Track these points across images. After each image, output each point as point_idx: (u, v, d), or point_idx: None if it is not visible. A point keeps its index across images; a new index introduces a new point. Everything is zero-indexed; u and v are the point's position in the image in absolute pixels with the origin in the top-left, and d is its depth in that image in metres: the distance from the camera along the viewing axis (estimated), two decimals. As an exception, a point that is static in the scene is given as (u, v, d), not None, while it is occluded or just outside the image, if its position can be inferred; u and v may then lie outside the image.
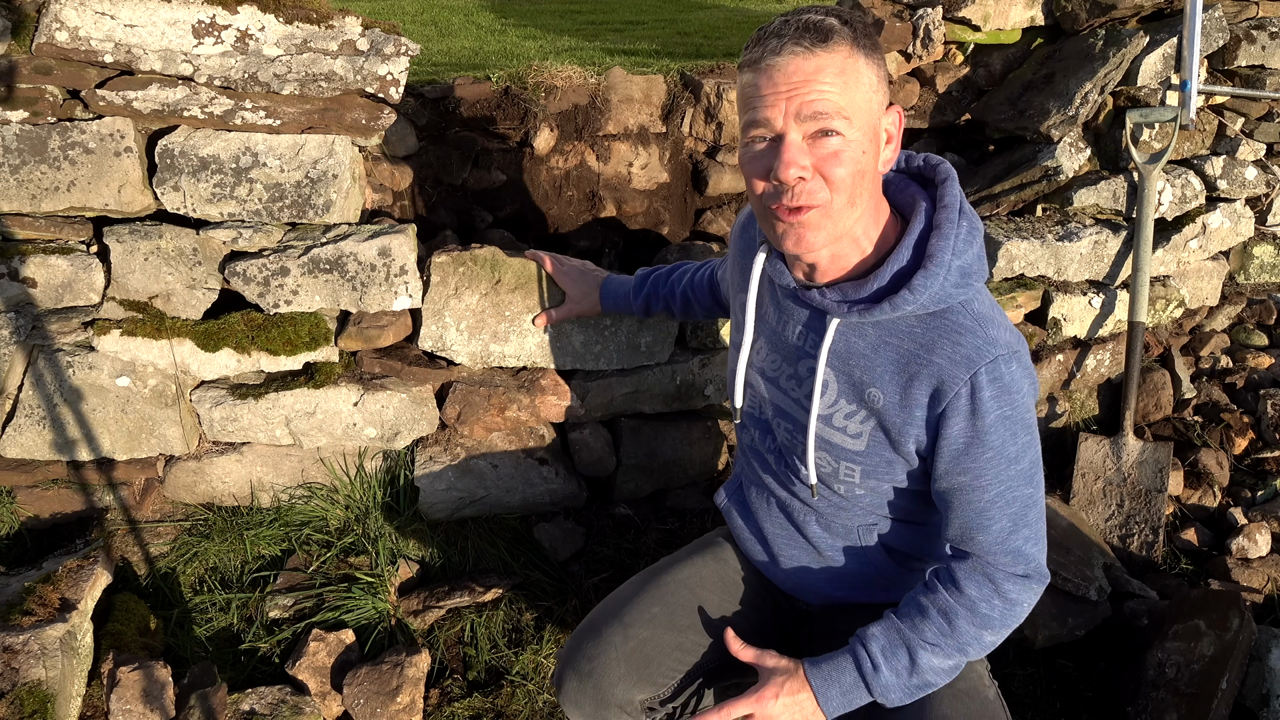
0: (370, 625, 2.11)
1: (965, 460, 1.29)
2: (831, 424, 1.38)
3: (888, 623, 1.37)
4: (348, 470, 2.35)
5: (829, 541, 1.49)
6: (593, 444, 2.38)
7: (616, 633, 1.45)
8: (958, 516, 1.33)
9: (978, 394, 1.25)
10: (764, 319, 1.46)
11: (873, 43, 1.22)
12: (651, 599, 1.51)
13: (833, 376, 1.36)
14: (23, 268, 2.04)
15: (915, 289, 1.24)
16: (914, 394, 1.29)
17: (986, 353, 1.25)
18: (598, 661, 1.43)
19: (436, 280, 2.16)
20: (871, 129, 1.23)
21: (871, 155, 1.24)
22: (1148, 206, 2.55)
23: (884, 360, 1.31)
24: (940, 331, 1.27)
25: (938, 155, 1.39)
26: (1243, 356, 3.00)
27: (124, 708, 1.81)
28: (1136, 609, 2.17)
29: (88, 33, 1.86)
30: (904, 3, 2.64)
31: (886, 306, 1.26)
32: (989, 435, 1.27)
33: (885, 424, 1.33)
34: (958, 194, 1.31)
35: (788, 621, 1.62)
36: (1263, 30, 2.78)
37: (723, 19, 4.66)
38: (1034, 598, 1.35)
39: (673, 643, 1.47)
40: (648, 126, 2.69)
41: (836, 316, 1.31)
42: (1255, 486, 2.56)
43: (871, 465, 1.37)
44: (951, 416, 1.27)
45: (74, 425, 2.17)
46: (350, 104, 2.04)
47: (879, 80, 1.23)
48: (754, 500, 1.59)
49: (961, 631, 1.33)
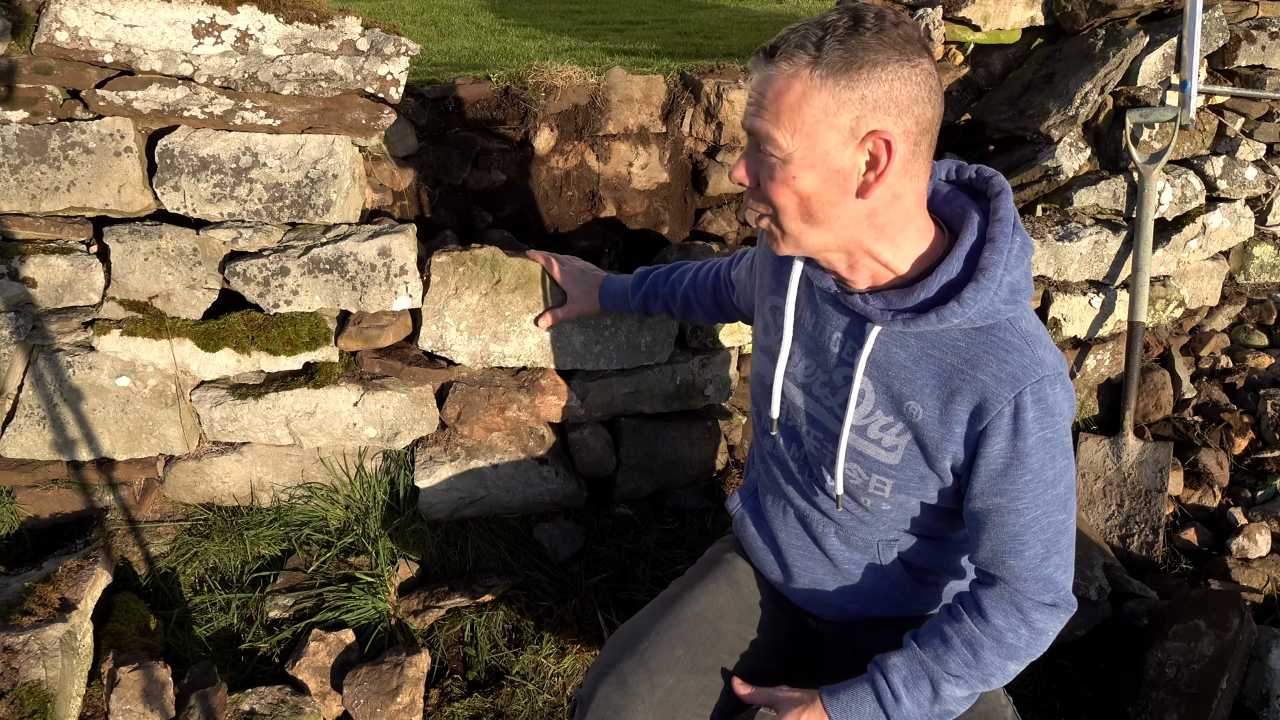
0: (370, 625, 2.11)
1: (1003, 481, 1.26)
2: (866, 435, 1.34)
3: (909, 652, 1.34)
4: (348, 470, 2.35)
5: (846, 555, 1.46)
6: (593, 444, 2.38)
7: (643, 681, 1.40)
8: (990, 539, 1.30)
9: (1021, 414, 1.22)
10: (800, 323, 1.41)
11: (846, 64, 1.11)
12: (673, 639, 1.46)
13: (870, 386, 1.32)
14: (23, 268, 2.04)
15: (965, 302, 1.21)
16: (955, 409, 1.26)
17: (1033, 372, 1.22)
18: (625, 714, 1.38)
19: (436, 280, 2.16)
20: (820, 162, 1.15)
21: (817, 182, 1.17)
22: (1148, 206, 2.55)
23: (925, 373, 1.28)
24: (986, 347, 1.24)
25: (989, 167, 1.33)
26: (1243, 356, 3.00)
27: (124, 708, 1.81)
28: (1136, 609, 2.17)
29: (88, 33, 1.86)
30: (904, 3, 2.64)
31: (933, 318, 1.22)
32: (1029, 457, 1.24)
33: (922, 438, 1.30)
34: (1012, 209, 1.27)
35: (802, 639, 1.61)
36: (1263, 30, 2.78)
37: (723, 19, 4.66)
38: (1059, 626, 1.32)
39: (698, 687, 1.44)
40: (648, 126, 2.69)
41: (879, 324, 1.28)
42: (1255, 486, 2.56)
43: (904, 480, 1.34)
44: (992, 435, 1.24)
45: (74, 425, 2.17)
46: (350, 104, 2.04)
47: (840, 107, 1.12)
48: (769, 509, 1.55)
49: (986, 663, 1.30)
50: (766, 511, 1.56)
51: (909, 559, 1.46)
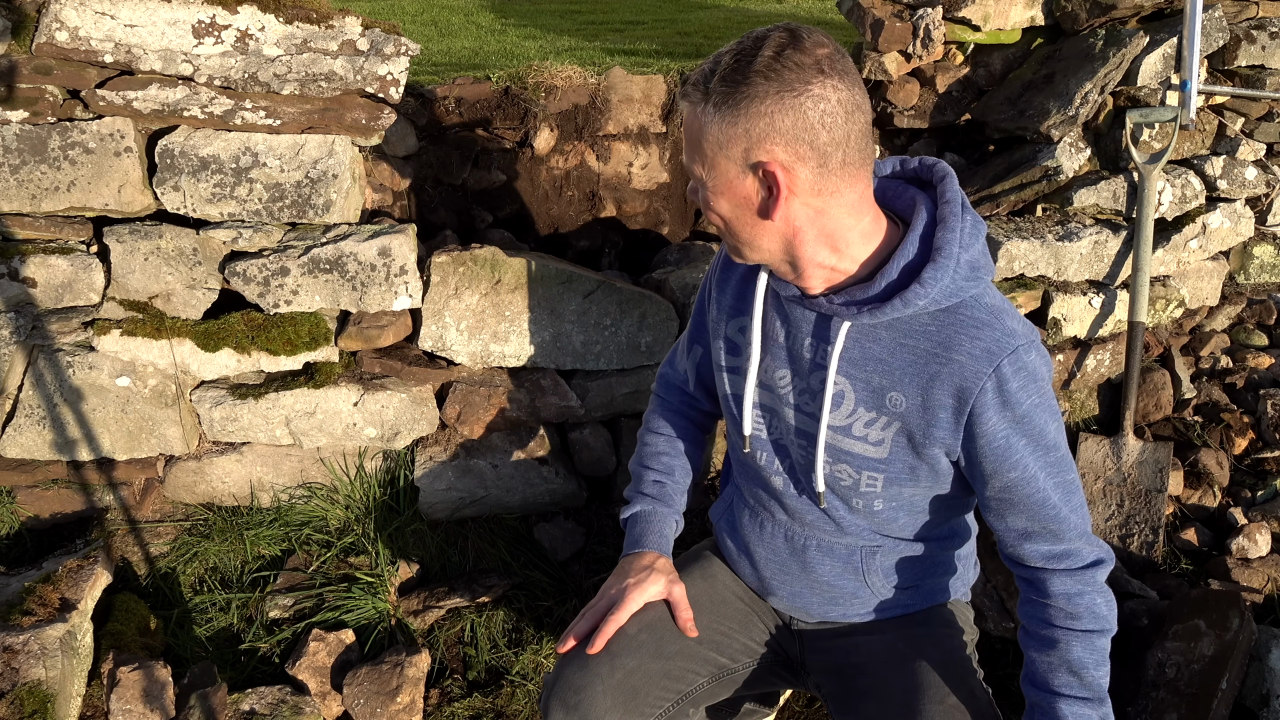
0: (370, 625, 2.11)
1: (1010, 456, 1.27)
2: (851, 434, 1.35)
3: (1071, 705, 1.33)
4: (348, 470, 2.35)
5: (828, 565, 1.46)
6: (593, 444, 2.38)
7: (603, 663, 1.41)
8: (1020, 516, 1.31)
9: (1005, 386, 1.24)
10: (771, 336, 1.41)
11: (728, 100, 1.15)
12: (638, 626, 1.46)
13: (848, 385, 1.33)
14: (23, 268, 2.04)
15: (926, 282, 1.23)
16: (936, 395, 1.27)
17: (1006, 344, 1.24)
18: (584, 694, 1.39)
19: (436, 280, 2.16)
20: (727, 189, 1.22)
21: (730, 207, 1.23)
22: (1148, 206, 2.55)
23: (901, 363, 1.29)
24: (956, 327, 1.26)
25: (933, 156, 1.35)
26: (1243, 356, 3.00)
27: (124, 708, 1.81)
28: (1136, 609, 2.17)
29: (88, 33, 1.86)
30: (904, 2, 2.64)
31: (898, 303, 1.24)
32: (1026, 424, 1.26)
33: (909, 428, 1.31)
34: (958, 190, 1.30)
35: (780, 636, 1.60)
36: (1263, 30, 2.78)
37: (723, 19, 4.66)
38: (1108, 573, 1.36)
39: (661, 670, 1.44)
40: (648, 126, 2.69)
41: (846, 319, 1.29)
42: (1255, 486, 2.56)
43: (895, 472, 1.35)
44: (983, 413, 1.26)
45: (74, 425, 2.17)
46: (350, 104, 2.04)
47: (728, 141, 1.17)
48: (745, 524, 1.54)
49: (1093, 631, 1.33)
50: (742, 526, 1.55)
51: (888, 565, 1.46)
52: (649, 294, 2.29)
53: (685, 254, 2.57)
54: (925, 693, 1.37)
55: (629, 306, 2.27)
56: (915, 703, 1.36)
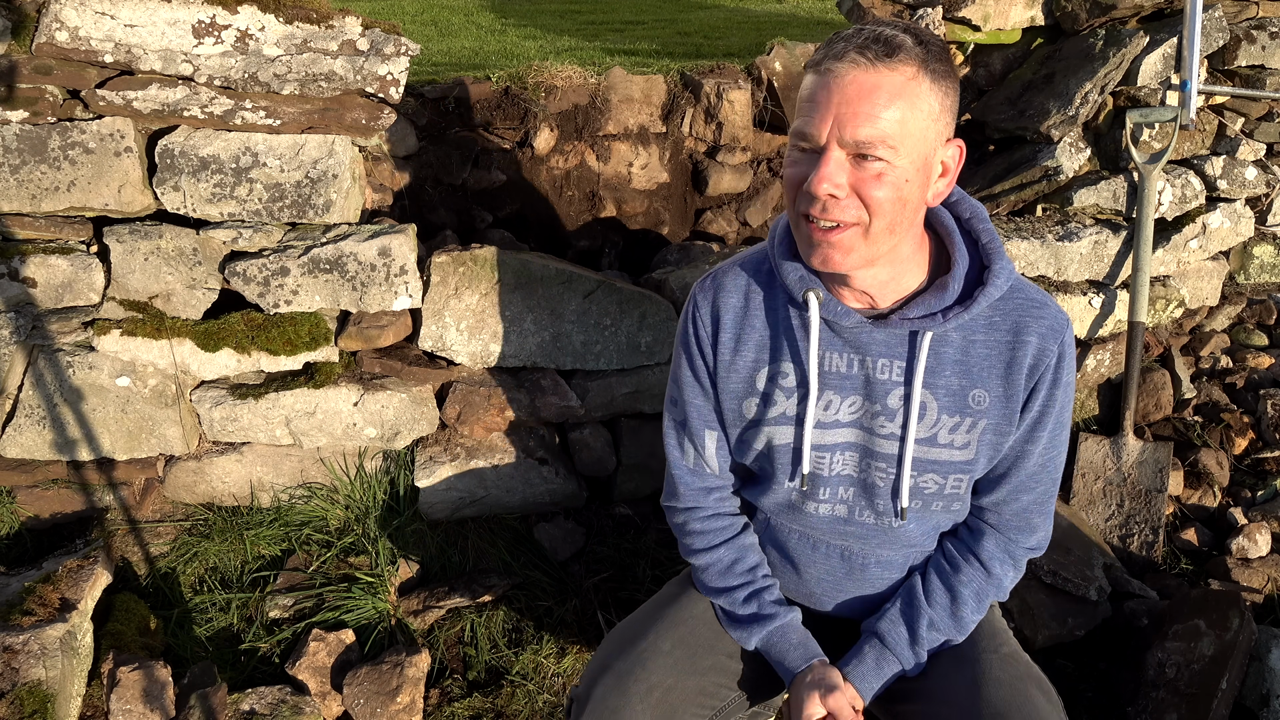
0: (370, 625, 2.11)
1: (1038, 429, 1.33)
2: (936, 443, 1.34)
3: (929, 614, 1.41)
4: (348, 470, 2.35)
5: (886, 577, 1.46)
6: (593, 444, 2.38)
7: (640, 682, 1.39)
8: (1008, 482, 1.37)
9: (1061, 362, 1.30)
10: (829, 370, 1.35)
11: (945, 68, 1.16)
12: (670, 641, 1.45)
13: (929, 396, 1.32)
14: (23, 268, 2.04)
15: (998, 274, 1.26)
16: (1015, 378, 1.30)
17: (1063, 319, 1.30)
18: (622, 715, 1.36)
19: (436, 280, 2.16)
20: (923, 159, 1.17)
21: (917, 185, 1.18)
22: (1148, 206, 2.55)
23: (978, 359, 1.31)
24: (1021, 311, 1.30)
25: None
26: (1243, 356, 3.00)
27: (124, 708, 1.81)
28: (1136, 609, 2.17)
29: (88, 33, 1.86)
30: (904, 3, 2.64)
31: (980, 300, 1.26)
32: (1057, 401, 1.32)
33: (994, 421, 1.33)
34: (957, 189, 1.33)
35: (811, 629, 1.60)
36: (1263, 30, 2.78)
37: (723, 19, 4.66)
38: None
39: (696, 688, 1.43)
40: (648, 126, 2.69)
41: (930, 330, 1.28)
42: (1255, 486, 2.56)
43: (979, 469, 1.37)
44: (1040, 388, 1.31)
45: (74, 425, 2.17)
46: (350, 104, 2.04)
47: (942, 109, 1.17)
48: (793, 544, 1.48)
49: (985, 606, 1.43)
50: (789, 547, 1.50)
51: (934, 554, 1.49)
52: (649, 294, 2.29)
53: (685, 254, 2.57)
54: (979, 643, 1.43)
55: (629, 306, 2.27)
56: (971, 651, 1.41)
